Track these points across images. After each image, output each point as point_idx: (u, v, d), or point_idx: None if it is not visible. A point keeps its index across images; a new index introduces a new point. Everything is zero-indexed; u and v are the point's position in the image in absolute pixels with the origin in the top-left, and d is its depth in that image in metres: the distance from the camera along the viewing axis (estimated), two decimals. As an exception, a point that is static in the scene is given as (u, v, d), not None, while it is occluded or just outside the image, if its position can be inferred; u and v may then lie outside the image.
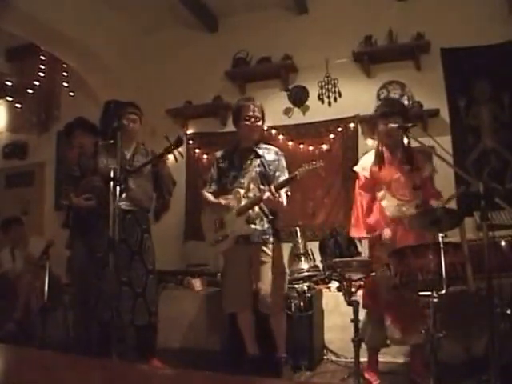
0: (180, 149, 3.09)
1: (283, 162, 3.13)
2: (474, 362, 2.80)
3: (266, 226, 3.02)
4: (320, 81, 4.61)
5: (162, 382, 0.97)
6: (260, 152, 3.10)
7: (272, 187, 2.82)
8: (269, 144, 3.26)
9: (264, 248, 2.99)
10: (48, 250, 3.64)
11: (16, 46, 5.41)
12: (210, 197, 3.13)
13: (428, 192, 2.89)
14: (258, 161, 3.07)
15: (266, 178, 3.03)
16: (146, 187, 3.24)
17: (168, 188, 3.35)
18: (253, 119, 3.07)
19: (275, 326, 3.00)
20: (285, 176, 3.01)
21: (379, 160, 2.95)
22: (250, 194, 3.00)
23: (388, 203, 2.87)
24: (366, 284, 2.76)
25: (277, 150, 3.19)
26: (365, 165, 3.03)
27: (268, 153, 3.12)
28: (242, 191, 3.01)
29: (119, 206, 2.98)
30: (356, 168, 3.09)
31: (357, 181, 3.07)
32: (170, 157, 3.62)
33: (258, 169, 3.05)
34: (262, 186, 3.01)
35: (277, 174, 3.04)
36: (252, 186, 3.02)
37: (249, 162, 3.09)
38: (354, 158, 4.34)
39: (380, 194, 2.92)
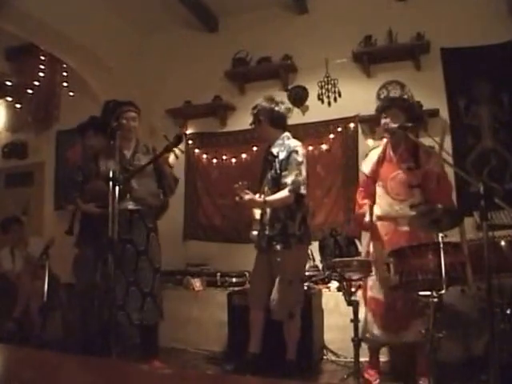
0: (180, 146, 3.07)
1: (294, 159, 2.91)
2: (474, 362, 2.81)
3: (276, 231, 2.93)
4: (320, 81, 4.61)
5: (162, 382, 0.97)
6: (275, 152, 3.00)
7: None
8: (290, 139, 3.05)
9: (274, 255, 2.94)
10: (48, 250, 3.65)
11: (16, 46, 5.40)
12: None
13: (431, 190, 2.84)
14: (273, 162, 2.99)
15: (275, 180, 2.96)
16: (149, 185, 3.24)
17: (170, 186, 3.35)
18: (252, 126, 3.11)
19: (285, 331, 2.97)
20: (291, 174, 2.87)
21: (379, 157, 2.97)
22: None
23: (381, 201, 2.87)
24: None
25: (291, 145, 2.97)
26: (367, 162, 3.05)
27: (282, 151, 2.97)
28: (257, 196, 2.95)
29: (125, 207, 3.02)
30: (362, 164, 3.16)
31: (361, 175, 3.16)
32: (171, 156, 3.62)
33: (272, 171, 2.99)
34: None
35: (283, 173, 2.91)
36: (266, 189, 2.99)
37: (267, 164, 3.05)
38: (354, 158, 4.35)
39: (378, 191, 2.93)
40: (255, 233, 2.99)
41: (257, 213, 3.07)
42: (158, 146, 3.25)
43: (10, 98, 5.72)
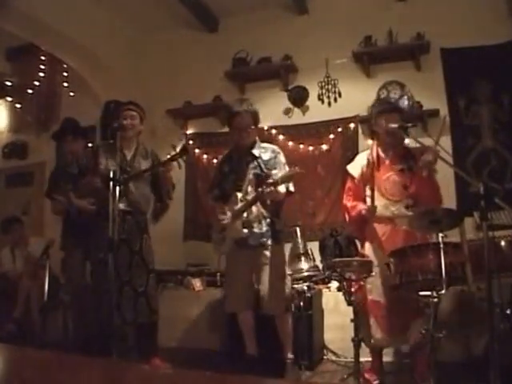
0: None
1: (281, 159, 3.10)
2: (474, 362, 2.80)
3: (265, 228, 3.00)
4: (320, 81, 4.61)
5: (162, 382, 0.97)
6: (256, 153, 3.08)
7: (268, 181, 2.81)
8: (267, 143, 3.25)
9: (263, 251, 2.99)
10: (48, 250, 3.64)
11: (16, 46, 5.40)
12: (212, 204, 3.30)
13: (422, 192, 2.83)
14: (255, 163, 3.06)
15: (261, 178, 2.99)
16: (143, 190, 3.22)
17: (168, 192, 3.34)
18: (238, 129, 3.06)
19: (279, 327, 3.00)
20: (281, 173, 2.94)
21: (373, 161, 2.94)
22: (248, 197, 2.99)
23: (376, 202, 2.86)
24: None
25: (274, 147, 3.18)
26: (355, 166, 3.03)
27: (265, 152, 3.10)
28: (239, 195, 3.01)
29: (119, 207, 3.00)
30: (348, 167, 3.10)
31: (348, 179, 3.08)
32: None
33: (254, 171, 3.04)
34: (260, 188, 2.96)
35: (273, 171, 2.99)
36: (250, 188, 3.01)
37: (246, 164, 3.08)
38: (354, 159, 4.35)
39: (368, 193, 2.92)
40: (246, 231, 2.99)
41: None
42: (159, 148, 3.24)
43: (10, 98, 5.72)
